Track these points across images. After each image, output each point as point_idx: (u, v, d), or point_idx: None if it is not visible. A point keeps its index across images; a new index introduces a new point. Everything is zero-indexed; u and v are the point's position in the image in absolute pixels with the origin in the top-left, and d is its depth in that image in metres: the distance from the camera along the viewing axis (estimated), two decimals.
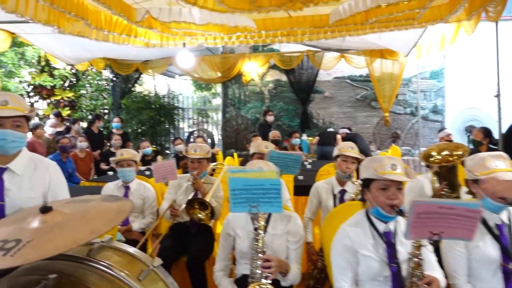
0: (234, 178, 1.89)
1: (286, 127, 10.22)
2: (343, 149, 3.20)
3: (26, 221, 1.41)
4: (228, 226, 2.42)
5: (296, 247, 2.35)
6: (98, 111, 10.65)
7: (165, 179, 3.45)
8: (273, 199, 1.92)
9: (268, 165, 2.37)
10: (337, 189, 3.28)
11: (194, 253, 3.36)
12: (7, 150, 1.95)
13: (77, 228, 1.32)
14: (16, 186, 1.99)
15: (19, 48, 9.81)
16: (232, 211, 1.99)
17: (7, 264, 1.15)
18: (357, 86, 10.15)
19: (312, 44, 8.95)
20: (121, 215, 1.39)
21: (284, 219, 2.36)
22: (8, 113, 1.90)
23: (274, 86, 10.45)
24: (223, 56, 10.08)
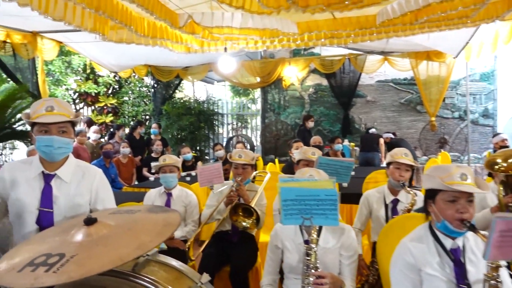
0: (286, 187, 1.76)
1: (327, 132, 9.99)
2: (396, 155, 3.00)
3: (70, 233, 1.33)
4: (276, 237, 2.28)
5: (350, 262, 2.18)
6: (140, 117, 10.82)
7: (210, 183, 3.36)
8: (329, 211, 1.77)
9: (319, 173, 2.22)
10: (389, 198, 3.06)
11: (237, 263, 3.24)
12: (53, 156, 1.92)
13: (122, 242, 1.22)
14: (64, 193, 1.96)
15: (66, 57, 10.15)
16: (284, 223, 1.85)
17: (50, 282, 1.07)
18: (401, 89, 9.77)
19: (354, 47, 8.71)
20: (168, 229, 1.29)
21: (336, 232, 2.20)
22: (54, 119, 1.86)
23: (314, 91, 10.24)
24: (262, 61, 10.00)
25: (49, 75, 9.93)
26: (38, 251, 1.27)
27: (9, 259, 1.28)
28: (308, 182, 1.81)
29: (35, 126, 1.90)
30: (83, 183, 2.02)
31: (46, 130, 1.88)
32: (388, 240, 2.28)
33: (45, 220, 1.89)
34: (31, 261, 1.19)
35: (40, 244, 1.35)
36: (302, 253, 2.16)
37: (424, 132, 9.49)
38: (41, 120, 1.85)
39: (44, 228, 1.87)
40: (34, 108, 1.89)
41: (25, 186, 1.92)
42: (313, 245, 1.89)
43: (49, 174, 1.95)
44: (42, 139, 1.87)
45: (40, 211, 1.89)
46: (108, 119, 10.54)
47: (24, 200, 1.90)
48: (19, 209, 1.90)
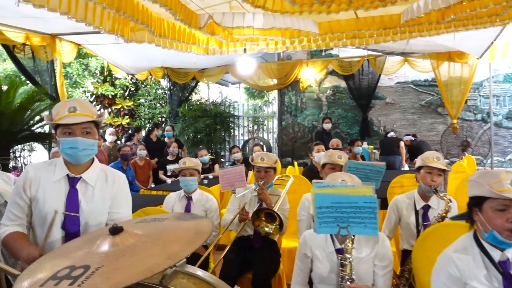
0: (321, 194, 1.64)
1: (345, 135, 9.83)
2: (427, 159, 2.85)
3: (95, 243, 1.24)
4: (305, 246, 2.16)
5: (385, 272, 2.05)
6: (156, 120, 10.81)
7: (232, 187, 3.25)
8: (367, 220, 1.65)
9: (352, 178, 2.09)
10: (419, 204, 2.92)
11: (259, 270, 3.13)
12: (78, 158, 1.85)
13: (151, 252, 1.13)
14: (89, 197, 1.89)
15: (83, 59, 10.21)
16: (318, 232, 1.73)
17: None
18: (422, 91, 9.56)
19: (373, 48, 8.55)
20: (200, 237, 1.19)
21: (370, 240, 2.07)
22: (77, 119, 1.79)
23: (332, 93, 10.10)
24: (280, 63, 9.90)
25: (67, 77, 10.00)
26: (62, 262, 1.18)
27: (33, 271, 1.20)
28: (345, 188, 1.69)
29: (58, 128, 1.83)
30: (106, 187, 1.94)
31: (70, 132, 1.81)
32: (424, 249, 2.15)
33: (71, 224, 1.82)
34: (54, 274, 1.10)
35: (64, 256, 1.26)
36: (334, 262, 2.04)
37: (446, 135, 9.27)
38: (65, 121, 1.78)
39: (70, 233, 1.81)
40: (57, 110, 1.82)
41: (50, 189, 1.85)
42: (348, 255, 1.76)
43: (74, 177, 1.89)
44: (66, 141, 1.80)
45: (65, 215, 1.82)
46: (125, 121, 10.55)
47: (49, 203, 1.83)
48: (43, 212, 1.83)
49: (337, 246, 2.06)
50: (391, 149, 8.09)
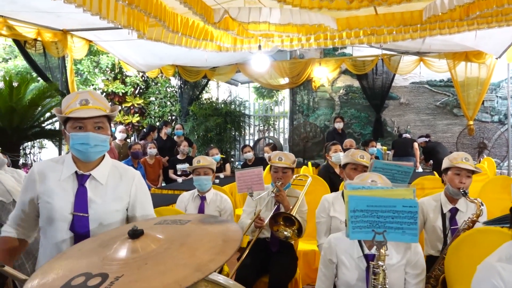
0: (355, 196, 1.51)
1: (358, 135, 9.66)
2: (455, 160, 2.70)
3: (112, 247, 1.12)
4: (331, 250, 2.02)
5: (418, 281, 1.92)
6: (166, 118, 10.73)
7: (250, 190, 3.12)
8: (406, 225, 1.51)
9: (382, 179, 1.96)
10: (446, 207, 2.77)
11: (276, 275, 3.01)
12: (89, 155, 1.70)
13: (177, 262, 1.00)
14: (100, 197, 1.74)
15: (94, 56, 10.16)
16: (351, 238, 1.59)
17: None
18: (437, 91, 9.36)
19: (388, 47, 8.39)
20: (231, 246, 1.06)
21: (400, 246, 1.93)
22: (89, 113, 1.65)
23: (345, 92, 9.93)
24: (292, 61, 9.76)
25: (78, 74, 9.95)
26: (76, 269, 1.06)
27: (42, 277, 1.08)
28: (382, 191, 1.55)
29: (68, 122, 1.69)
30: (121, 186, 1.80)
31: (81, 126, 1.67)
32: (458, 256, 2.01)
33: (79, 226, 1.68)
34: (67, 282, 0.99)
35: (77, 259, 1.15)
36: (362, 269, 1.91)
37: (461, 137, 9.07)
38: (75, 115, 1.64)
39: (79, 235, 1.67)
40: (67, 102, 1.68)
41: (57, 188, 1.71)
42: (381, 262, 1.63)
43: (83, 174, 1.74)
44: (76, 136, 1.66)
45: (74, 216, 1.68)
46: (135, 119, 10.48)
47: (56, 203, 1.69)
48: (51, 213, 1.69)
49: (366, 252, 1.92)
50: (405, 150, 7.90)
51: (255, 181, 3.11)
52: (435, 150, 7.56)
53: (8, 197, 2.37)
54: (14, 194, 2.36)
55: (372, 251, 1.90)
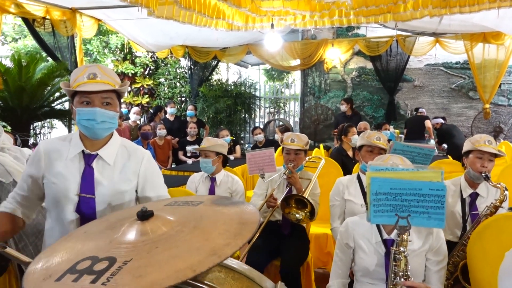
0: (379, 178, 1.41)
1: (370, 118, 9.49)
2: (478, 143, 2.58)
3: (120, 230, 1.04)
4: (347, 234, 1.94)
5: (439, 268, 1.83)
6: (176, 99, 10.65)
7: (261, 171, 3.03)
8: (432, 210, 1.42)
9: (404, 161, 1.86)
10: (466, 192, 2.67)
11: (288, 258, 2.95)
12: (96, 132, 1.62)
13: (190, 246, 0.92)
14: (107, 177, 1.66)
15: (104, 36, 10.05)
16: (372, 222, 1.51)
17: None
18: (453, 74, 9.11)
19: (403, 28, 8.14)
20: (248, 228, 0.98)
21: (422, 231, 1.85)
22: (96, 87, 1.56)
23: (357, 74, 9.71)
24: (304, 42, 9.55)
25: (87, 54, 9.88)
26: (82, 252, 0.99)
27: (46, 260, 1.01)
28: (407, 173, 1.46)
29: (76, 96, 1.61)
30: (129, 166, 1.72)
31: (88, 101, 1.58)
32: (482, 243, 1.92)
33: (86, 207, 1.61)
34: (72, 266, 0.92)
35: (83, 241, 1.08)
36: (381, 255, 1.83)
37: (477, 121, 8.86)
38: (82, 89, 1.55)
39: (85, 216, 1.61)
40: (75, 75, 1.59)
41: (63, 168, 1.64)
42: (402, 248, 1.54)
43: (90, 154, 1.66)
44: (83, 111, 1.58)
45: (80, 197, 1.61)
46: (145, 100, 10.42)
47: (61, 184, 1.62)
48: (56, 194, 1.62)
49: (385, 236, 1.84)
50: (418, 132, 7.68)
51: (267, 162, 3.02)
52: (450, 133, 7.37)
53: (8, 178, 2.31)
54: (14, 174, 2.30)
55: (391, 236, 1.82)
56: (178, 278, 0.80)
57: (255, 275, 1.23)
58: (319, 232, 3.75)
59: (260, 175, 3.07)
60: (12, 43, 11.02)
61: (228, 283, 1.16)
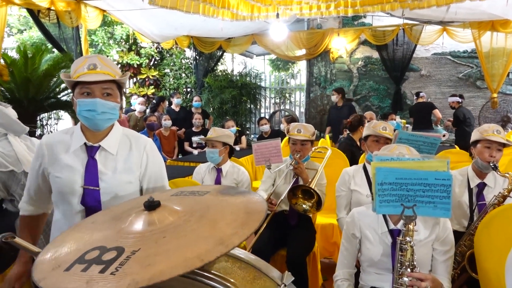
0: (384, 168, 1.41)
1: (376, 108, 9.44)
2: (486, 132, 2.56)
3: (127, 220, 1.05)
4: (354, 225, 1.94)
5: (446, 258, 1.83)
6: (181, 90, 10.64)
7: (268, 162, 3.03)
8: (438, 199, 1.41)
9: (410, 151, 1.85)
10: (474, 182, 2.65)
11: (294, 248, 2.96)
12: (97, 123, 1.61)
13: (198, 235, 0.93)
14: (111, 168, 1.66)
15: (108, 27, 10.04)
16: (378, 212, 1.51)
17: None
18: (460, 63, 9.02)
19: (410, 17, 8.04)
20: (255, 218, 0.99)
21: (428, 221, 1.84)
22: (96, 77, 1.55)
23: (364, 64, 9.64)
24: (309, 32, 9.47)
25: (92, 46, 9.87)
26: (90, 242, 1.00)
27: (55, 250, 1.02)
28: (412, 162, 1.45)
29: (76, 87, 1.60)
30: (132, 156, 1.71)
31: (89, 92, 1.58)
32: (490, 232, 1.91)
33: (91, 199, 1.62)
34: (81, 256, 0.92)
35: (91, 232, 1.08)
36: (387, 245, 1.83)
37: (484, 110, 8.78)
38: (82, 79, 1.55)
39: (91, 208, 1.61)
40: (75, 66, 1.59)
41: (66, 161, 1.64)
42: (408, 238, 1.54)
43: (92, 146, 1.66)
44: (83, 102, 1.58)
45: (85, 189, 1.62)
46: (150, 91, 10.43)
47: (66, 177, 1.63)
48: (61, 187, 1.63)
49: (391, 227, 1.84)
50: (425, 121, 7.56)
51: (273, 153, 3.02)
52: (465, 118, 7.25)
53: (19, 167, 2.33)
54: (25, 164, 2.32)
55: (398, 226, 1.81)
56: (187, 267, 0.81)
57: (262, 265, 1.24)
58: (325, 223, 3.75)
59: (267, 166, 3.07)
60: (18, 35, 11.04)
61: (235, 272, 1.17)
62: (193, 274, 1.07)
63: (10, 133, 2.43)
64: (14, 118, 2.47)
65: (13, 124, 2.45)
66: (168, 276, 0.79)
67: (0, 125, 2.34)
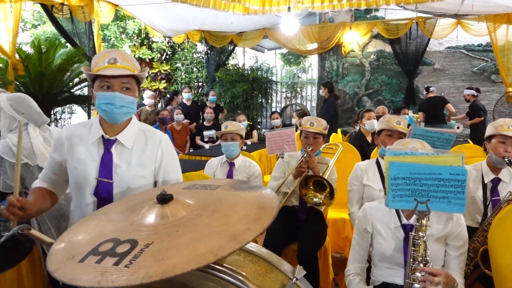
0: (397, 163, 1.40)
1: (388, 103, 9.36)
2: (501, 127, 2.52)
3: (140, 212, 1.06)
4: (366, 219, 1.93)
5: (459, 253, 1.81)
6: (193, 84, 10.67)
7: (281, 150, 3.02)
8: (453, 194, 1.40)
9: (424, 145, 1.83)
10: (488, 177, 2.62)
11: (305, 242, 2.95)
12: (115, 117, 1.65)
13: (210, 230, 0.93)
14: (126, 162, 1.69)
15: (121, 21, 10.09)
16: (390, 207, 1.50)
17: (121, 281, 0.80)
18: (474, 57, 8.88)
19: (423, 10, 7.92)
20: (267, 214, 0.99)
21: (442, 217, 1.82)
22: (116, 72, 1.58)
23: (376, 58, 9.55)
24: (321, 26, 9.41)
25: (105, 40, 9.94)
26: (103, 234, 1.01)
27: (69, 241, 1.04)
28: (426, 157, 1.44)
29: (96, 81, 1.64)
30: (147, 151, 1.74)
31: (108, 86, 1.61)
32: (504, 228, 1.89)
33: (103, 191, 1.65)
34: (95, 248, 0.94)
35: (104, 223, 1.10)
36: (399, 240, 1.82)
37: (499, 105, 8.65)
38: (102, 73, 1.58)
39: (102, 200, 1.64)
40: (96, 60, 1.62)
41: (84, 153, 1.68)
42: (421, 233, 1.53)
43: (109, 139, 1.69)
44: (103, 95, 1.61)
45: (98, 181, 1.65)
46: (162, 85, 10.47)
47: (82, 168, 1.66)
48: (78, 178, 1.67)
49: (404, 221, 1.83)
50: (437, 116, 7.46)
51: (287, 141, 3.01)
52: (481, 109, 7.15)
53: (33, 160, 2.36)
54: (39, 158, 2.35)
55: (410, 221, 1.80)
56: (200, 262, 0.81)
57: (274, 259, 1.24)
58: (337, 217, 3.75)
59: (280, 155, 3.07)
60: (32, 30, 11.15)
61: (247, 266, 1.18)
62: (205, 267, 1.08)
63: (31, 123, 2.46)
64: (36, 108, 2.51)
65: (35, 114, 2.48)
66: (181, 271, 0.79)
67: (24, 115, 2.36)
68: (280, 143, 3.02)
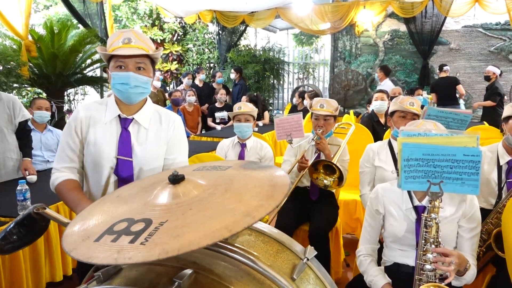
0: (410, 144, 1.38)
1: (402, 83, 9.22)
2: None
3: (152, 193, 1.07)
4: (377, 201, 1.93)
5: (472, 235, 1.80)
6: (204, 65, 10.63)
7: (289, 137, 3.02)
8: (466, 176, 1.39)
9: (438, 127, 1.81)
10: (504, 159, 2.57)
11: (317, 223, 2.97)
12: (129, 96, 1.67)
13: (224, 207, 0.94)
14: (142, 141, 1.72)
15: (132, 2, 10.04)
16: (403, 188, 1.49)
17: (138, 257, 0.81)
18: (492, 36, 8.65)
19: None
20: (279, 190, 0.99)
21: (455, 198, 1.81)
22: (130, 51, 1.59)
23: (390, 37, 9.37)
24: (334, 5, 9.22)
25: (116, 21, 9.91)
26: (117, 214, 1.03)
27: (83, 222, 1.06)
28: (440, 138, 1.42)
29: (111, 61, 1.65)
30: (161, 131, 1.77)
31: (123, 66, 1.63)
32: None
33: (124, 170, 1.68)
34: (110, 228, 0.95)
35: (117, 205, 1.11)
36: (411, 221, 1.82)
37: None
38: (117, 53, 1.59)
39: (124, 179, 1.68)
40: (111, 40, 1.63)
41: (102, 131, 1.70)
42: (434, 215, 1.52)
43: (126, 118, 1.72)
44: (117, 75, 1.63)
45: (118, 159, 1.68)
46: (173, 66, 10.46)
47: (101, 146, 1.68)
48: (95, 157, 1.69)
49: (416, 203, 1.82)
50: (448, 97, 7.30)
51: (295, 127, 3.01)
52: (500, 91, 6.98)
53: None
54: None
55: (423, 202, 1.79)
56: (215, 237, 0.82)
57: (285, 239, 1.25)
58: (348, 199, 3.75)
59: (288, 141, 3.07)
60: (44, 11, 11.17)
61: (259, 246, 1.19)
62: (216, 247, 1.09)
63: None
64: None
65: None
66: (197, 246, 0.80)
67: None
68: (288, 129, 3.02)
